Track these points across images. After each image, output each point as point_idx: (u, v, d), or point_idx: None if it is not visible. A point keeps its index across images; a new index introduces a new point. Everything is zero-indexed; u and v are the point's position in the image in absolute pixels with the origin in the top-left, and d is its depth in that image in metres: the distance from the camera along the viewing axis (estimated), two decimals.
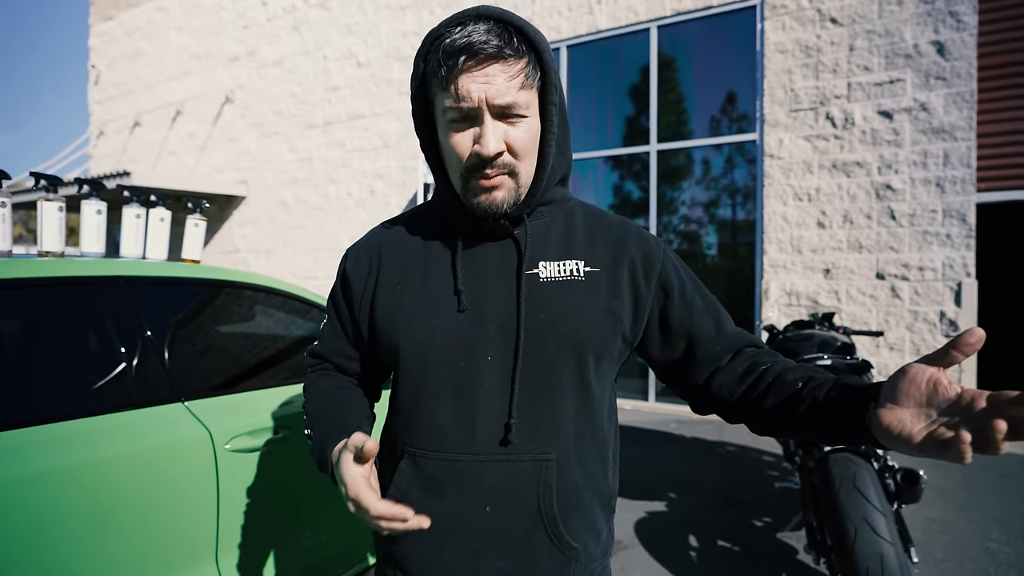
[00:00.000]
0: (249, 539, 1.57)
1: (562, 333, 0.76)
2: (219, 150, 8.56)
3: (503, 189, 0.74)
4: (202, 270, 1.79)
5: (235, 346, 1.87)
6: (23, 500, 1.16)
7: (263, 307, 2.00)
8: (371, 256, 0.86)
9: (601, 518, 0.82)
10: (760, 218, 4.67)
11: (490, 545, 0.75)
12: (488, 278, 0.79)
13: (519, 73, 0.71)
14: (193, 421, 1.51)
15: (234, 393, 1.68)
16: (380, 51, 6.90)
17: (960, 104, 4.01)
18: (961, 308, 4.02)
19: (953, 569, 2.40)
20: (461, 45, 0.69)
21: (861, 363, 2.08)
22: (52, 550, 1.19)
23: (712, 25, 4.91)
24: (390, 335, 0.80)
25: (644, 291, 0.81)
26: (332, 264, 7.30)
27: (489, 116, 0.71)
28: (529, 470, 0.75)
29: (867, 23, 4.29)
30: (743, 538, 2.66)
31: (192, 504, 1.45)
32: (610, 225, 0.85)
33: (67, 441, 1.26)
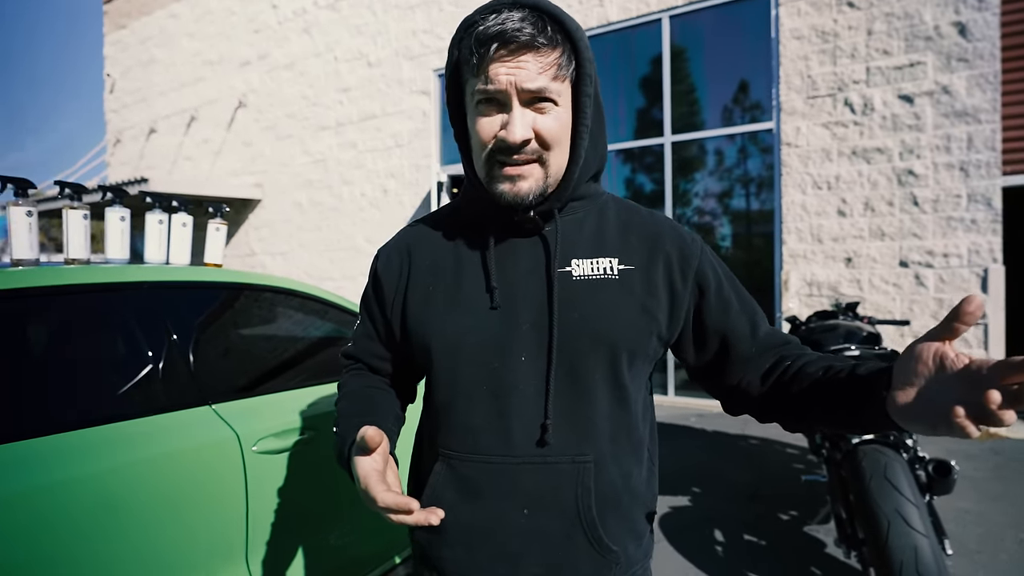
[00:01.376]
0: (278, 539, 1.59)
1: (595, 332, 0.74)
2: (234, 154, 8.65)
3: (530, 179, 0.73)
4: (224, 274, 1.81)
5: (258, 348, 1.88)
6: (60, 504, 1.18)
7: (284, 309, 2.02)
8: (401, 257, 0.85)
9: (641, 520, 0.80)
10: (778, 208, 4.60)
11: (528, 548, 0.74)
12: (519, 276, 0.77)
13: (552, 64, 0.69)
14: (220, 424, 1.53)
15: (259, 395, 1.69)
16: (390, 50, 6.91)
17: (983, 86, 3.90)
18: (988, 295, 3.93)
19: (987, 560, 2.35)
20: (494, 32, 0.68)
21: (890, 353, 2.04)
22: (87, 552, 1.20)
23: (725, 13, 4.84)
24: (423, 336, 0.79)
25: (680, 289, 0.79)
26: (347, 265, 7.35)
27: (517, 102, 0.70)
28: (567, 472, 0.74)
29: (885, 6, 4.20)
30: (769, 532, 2.63)
31: (222, 506, 1.47)
32: (643, 220, 0.83)
33: (97, 446, 1.28)
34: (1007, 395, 0.49)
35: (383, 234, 7.00)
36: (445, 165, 6.24)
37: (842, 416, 0.68)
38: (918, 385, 0.57)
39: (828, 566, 2.32)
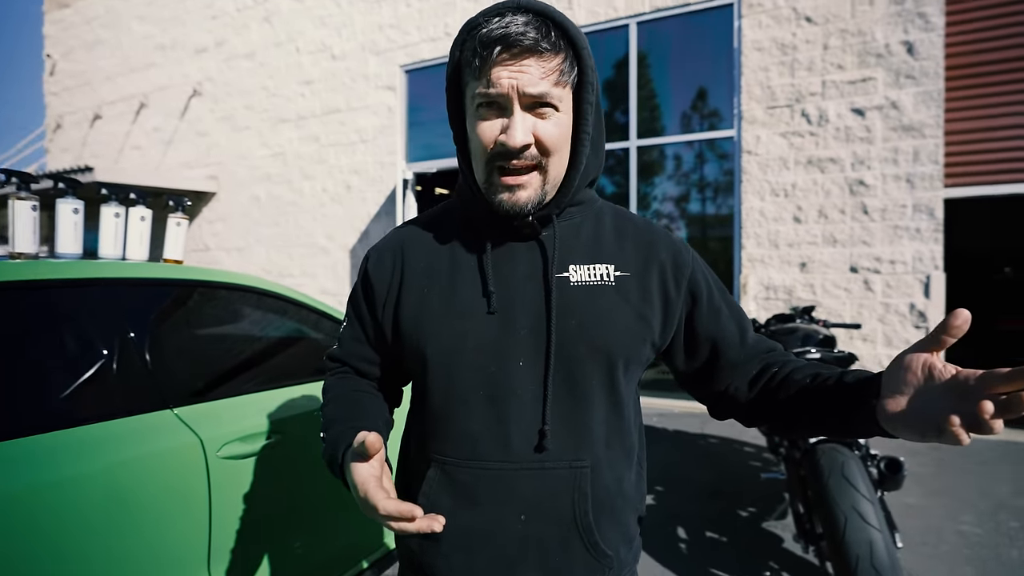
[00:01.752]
0: (242, 547, 1.53)
1: (593, 339, 0.75)
2: (187, 144, 8.29)
3: (529, 188, 0.73)
4: (186, 271, 1.73)
5: (223, 349, 1.81)
6: (5, 518, 1.10)
7: (249, 308, 1.94)
8: (394, 258, 0.83)
9: (632, 523, 0.81)
10: (738, 213, 4.75)
11: (525, 554, 0.73)
12: (517, 281, 0.77)
13: (555, 69, 0.69)
14: (183, 428, 1.46)
15: (224, 398, 1.62)
16: (355, 44, 6.77)
17: (928, 102, 4.13)
18: (930, 300, 4.17)
19: (930, 552, 2.48)
20: (498, 35, 0.67)
21: (847, 355, 2.13)
22: (36, 568, 1.13)
23: (690, 22, 4.96)
24: (417, 339, 0.78)
25: (674, 297, 0.80)
26: (307, 262, 7.17)
27: (519, 106, 0.69)
28: (564, 477, 0.73)
29: (840, 22, 4.39)
30: (730, 529, 2.71)
31: (183, 515, 1.40)
32: (638, 227, 0.84)
33: (48, 454, 1.20)
34: (998, 405, 0.51)
35: (345, 231, 6.86)
36: (411, 163, 6.16)
37: (833, 423, 0.70)
38: (908, 394, 0.59)
39: (786, 560, 2.41)
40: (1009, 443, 3.96)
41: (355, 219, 6.79)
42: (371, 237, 6.69)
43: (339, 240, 6.93)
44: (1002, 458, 3.66)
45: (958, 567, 2.36)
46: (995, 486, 3.20)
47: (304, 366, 2.05)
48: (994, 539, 2.59)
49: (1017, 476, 3.35)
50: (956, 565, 2.37)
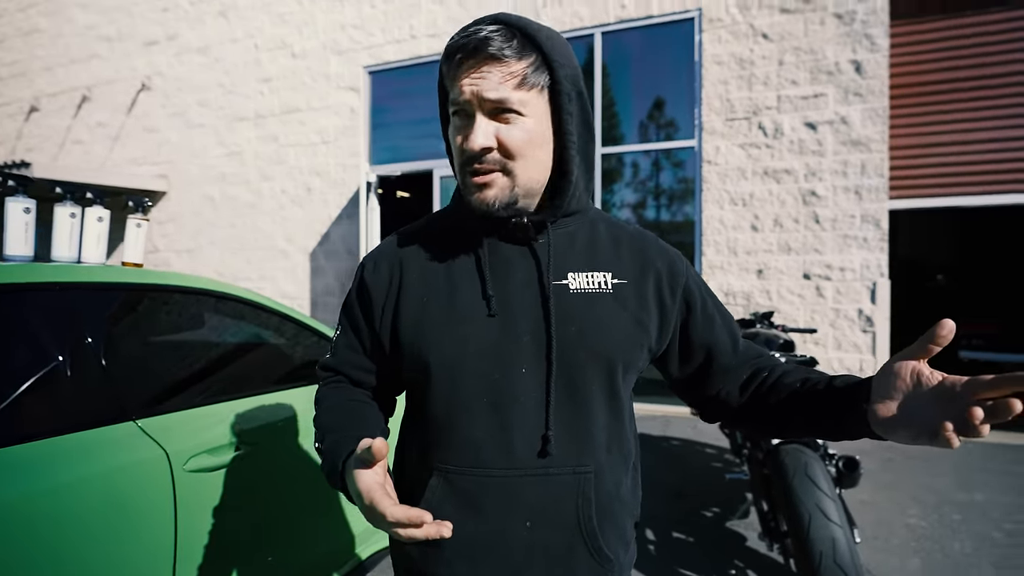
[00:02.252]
0: (210, 563, 1.46)
1: (593, 345, 0.76)
2: (135, 141, 7.91)
3: (494, 187, 0.74)
4: (147, 275, 1.65)
5: (189, 357, 1.73)
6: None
7: (216, 314, 1.87)
8: (391, 265, 0.83)
9: (630, 527, 0.83)
10: (699, 221, 4.89)
11: (530, 562, 0.74)
12: (516, 287, 0.78)
13: (515, 74, 0.71)
14: (146, 441, 1.39)
15: (191, 408, 1.55)
16: (317, 43, 6.63)
17: (874, 119, 4.37)
18: (876, 305, 4.40)
19: (882, 545, 2.61)
20: (460, 44, 0.70)
21: (810, 359, 2.22)
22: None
23: (653, 34, 5.08)
24: (419, 348, 0.77)
25: (670, 304, 0.82)
26: (265, 265, 6.94)
27: (480, 112, 0.72)
28: (568, 483, 0.74)
29: (794, 40, 4.60)
30: (695, 529, 2.78)
31: (146, 532, 1.33)
32: (632, 236, 0.86)
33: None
34: (985, 410, 0.55)
35: (306, 234, 6.69)
36: (375, 165, 6.07)
37: (827, 425, 0.73)
38: (897, 399, 0.63)
39: (749, 558, 2.48)
40: None
41: (316, 222, 6.63)
42: (332, 240, 6.54)
43: (299, 243, 6.75)
44: (941, 455, 3.88)
45: (907, 559, 2.49)
46: (937, 481, 3.40)
47: (274, 374, 1.98)
48: (939, 532, 2.74)
49: (956, 471, 3.56)
50: (905, 557, 2.50)
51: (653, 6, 5.03)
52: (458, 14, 5.86)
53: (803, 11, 4.58)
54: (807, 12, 4.57)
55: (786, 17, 4.63)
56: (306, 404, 1.88)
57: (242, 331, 1.94)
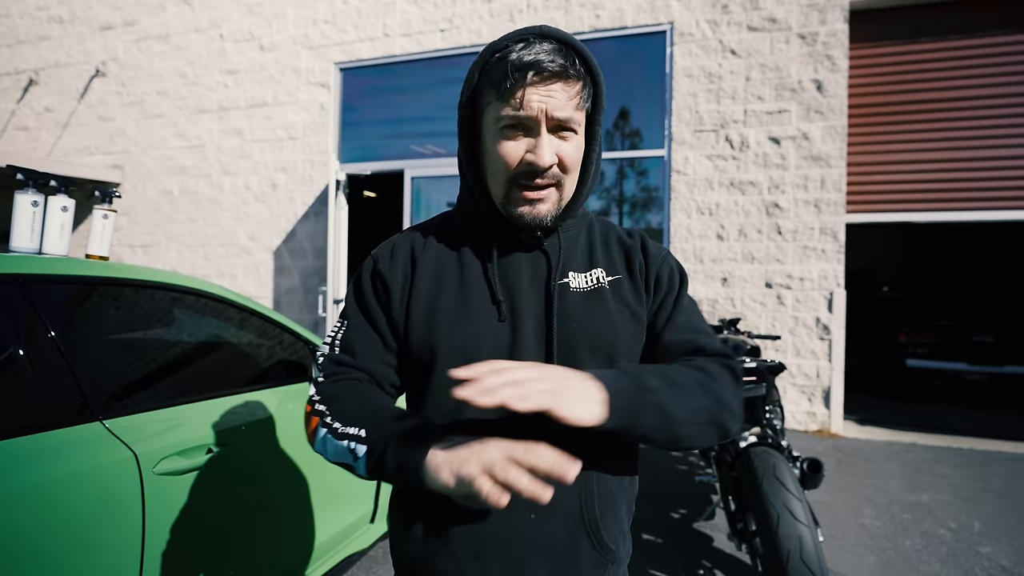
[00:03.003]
0: (177, 570, 1.40)
1: (592, 340, 0.79)
2: (86, 129, 7.54)
3: (548, 202, 0.78)
4: (113, 268, 1.58)
5: (160, 355, 1.66)
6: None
7: (187, 311, 1.80)
8: (405, 260, 0.84)
9: (627, 520, 0.85)
10: (667, 229, 5.00)
11: (534, 554, 0.75)
12: (523, 288, 0.81)
13: (577, 95, 0.75)
14: (114, 442, 1.32)
15: (162, 408, 1.49)
16: (286, 36, 6.47)
17: (834, 136, 4.58)
18: (832, 314, 4.59)
19: (838, 544, 2.72)
20: (530, 61, 0.72)
21: (778, 364, 2.31)
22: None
23: (626, 45, 5.19)
24: (429, 344, 0.78)
25: (646, 295, 0.85)
26: (226, 262, 6.72)
27: (546, 129, 0.74)
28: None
29: (761, 57, 4.77)
30: (665, 530, 2.83)
31: (111, 539, 1.26)
32: (620, 234, 0.90)
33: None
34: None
35: (270, 231, 6.51)
36: (344, 163, 5.96)
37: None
38: None
39: (717, 558, 2.55)
40: (893, 443, 4.43)
41: (281, 219, 6.46)
42: (298, 238, 6.39)
43: (262, 240, 6.56)
44: (889, 457, 4.08)
45: (863, 556, 2.60)
46: (887, 483, 3.56)
47: (249, 373, 1.92)
48: (891, 530, 2.88)
49: (904, 473, 3.75)
50: (861, 555, 2.62)
51: (627, 18, 5.13)
52: (433, 15, 5.83)
53: (769, 30, 4.76)
54: (773, 31, 4.75)
55: (753, 35, 4.80)
56: (281, 404, 1.83)
57: (215, 329, 1.87)
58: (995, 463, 3.97)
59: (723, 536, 2.73)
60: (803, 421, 4.71)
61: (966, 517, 3.04)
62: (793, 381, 4.72)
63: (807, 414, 4.70)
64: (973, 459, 4.06)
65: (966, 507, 3.17)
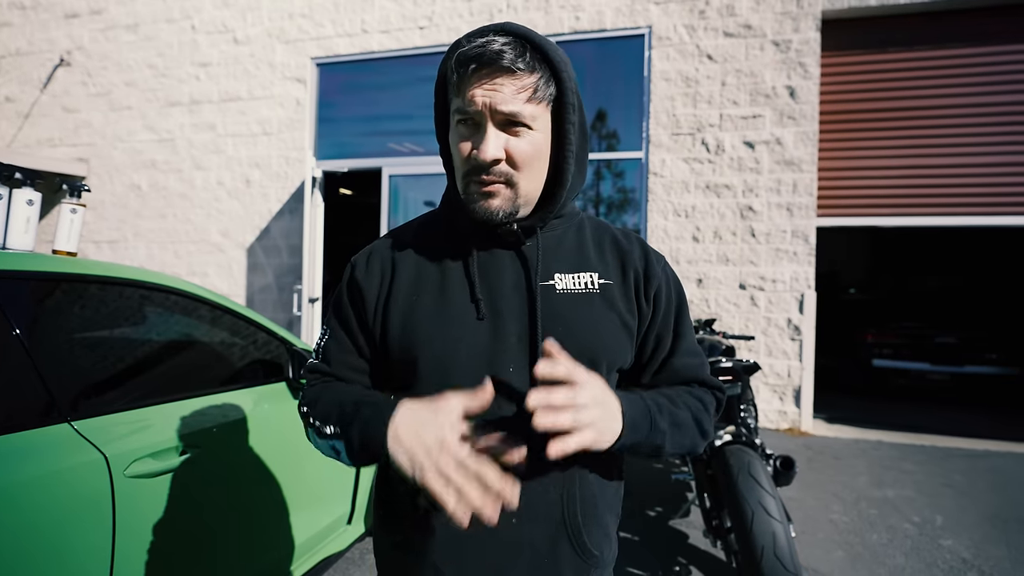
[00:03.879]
0: (150, 575, 1.36)
1: (579, 344, 0.77)
2: (50, 120, 7.27)
3: (498, 197, 0.76)
4: (81, 264, 1.53)
5: (132, 354, 1.61)
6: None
7: (158, 308, 1.75)
8: (383, 265, 0.83)
9: (612, 525, 0.84)
10: (644, 231, 5.06)
11: (516, 557, 0.75)
12: (504, 289, 0.79)
13: (527, 88, 0.72)
14: (83, 444, 1.28)
15: (133, 409, 1.45)
16: (261, 29, 6.35)
17: (806, 141, 4.69)
18: (803, 315, 4.70)
19: (809, 539, 2.79)
20: (474, 54, 0.71)
21: (753, 364, 2.35)
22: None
23: (606, 48, 5.23)
24: (409, 348, 0.77)
25: (645, 307, 0.84)
26: (197, 260, 6.56)
27: (491, 123, 0.73)
28: (554, 480, 0.76)
29: (736, 63, 4.86)
30: (641, 527, 2.86)
31: (80, 544, 1.22)
32: (616, 237, 0.88)
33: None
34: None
35: (243, 228, 6.37)
36: (321, 160, 5.87)
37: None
38: None
39: (692, 555, 2.59)
40: (860, 441, 4.56)
41: (255, 216, 6.33)
42: (272, 235, 6.27)
43: (235, 238, 6.42)
44: (856, 455, 4.20)
45: (832, 551, 2.67)
46: (855, 479, 3.67)
47: (223, 373, 1.88)
48: (858, 525, 2.97)
49: (870, 470, 3.86)
50: (830, 550, 2.69)
51: (606, 21, 5.17)
52: (412, 12, 5.79)
53: (745, 36, 4.85)
54: (748, 38, 4.84)
55: (729, 41, 4.89)
56: (256, 405, 1.79)
57: (187, 327, 1.83)
58: (955, 459, 4.12)
59: (699, 533, 2.77)
60: (775, 419, 4.82)
61: (929, 512, 3.15)
62: (765, 380, 4.82)
63: (779, 413, 4.81)
64: (935, 456, 4.20)
65: (929, 502, 3.28)
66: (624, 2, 5.13)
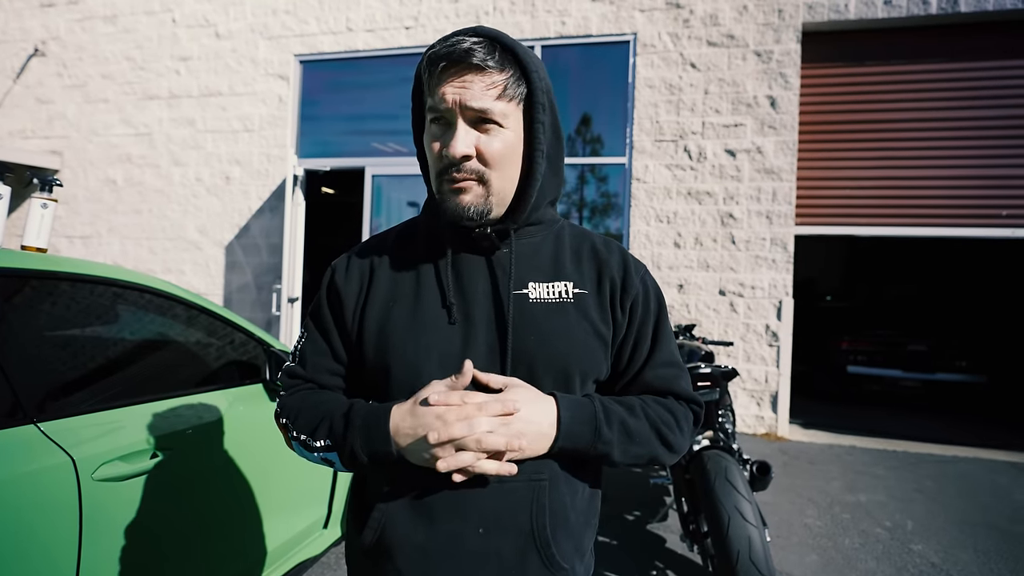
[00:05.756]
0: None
1: (551, 355, 0.77)
2: (22, 111, 7.08)
3: (469, 194, 0.76)
4: (51, 261, 1.48)
5: (102, 354, 1.57)
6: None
7: (133, 307, 1.71)
8: (362, 272, 0.83)
9: (587, 538, 0.83)
10: (627, 236, 5.10)
11: (483, 569, 0.73)
12: (478, 297, 0.79)
13: (497, 85, 0.73)
14: (49, 446, 1.24)
15: (101, 410, 1.41)
16: (244, 24, 6.26)
17: (785, 151, 4.77)
18: (781, 322, 4.78)
19: (784, 543, 2.83)
20: (444, 53, 0.72)
21: (731, 370, 2.38)
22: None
23: (591, 53, 5.26)
24: (383, 354, 0.77)
25: (620, 317, 0.83)
26: (173, 257, 6.43)
27: (461, 120, 0.73)
28: (523, 491, 0.74)
29: (719, 72, 4.93)
30: (619, 531, 2.87)
31: (43, 550, 1.18)
32: (595, 246, 0.87)
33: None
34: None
35: (221, 226, 6.27)
36: (303, 158, 5.81)
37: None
38: None
39: (669, 559, 2.60)
40: (835, 446, 4.65)
41: (234, 213, 6.23)
42: (252, 233, 6.18)
43: (213, 235, 6.31)
44: (830, 460, 4.28)
45: (806, 555, 2.71)
46: (828, 484, 3.73)
47: (196, 374, 1.84)
48: (832, 530, 3.01)
49: (844, 475, 3.93)
50: (804, 553, 2.73)
51: (592, 26, 5.20)
52: (398, 12, 5.76)
53: (728, 46, 4.92)
54: (731, 47, 4.91)
55: (713, 50, 4.95)
56: (232, 407, 1.76)
57: (161, 327, 1.78)
58: (926, 465, 4.22)
59: (676, 537, 2.79)
60: (752, 424, 4.88)
61: (900, 516, 3.21)
62: (743, 386, 4.88)
63: (756, 418, 4.88)
64: (907, 461, 4.30)
65: (900, 507, 3.35)
66: (610, 9, 5.17)
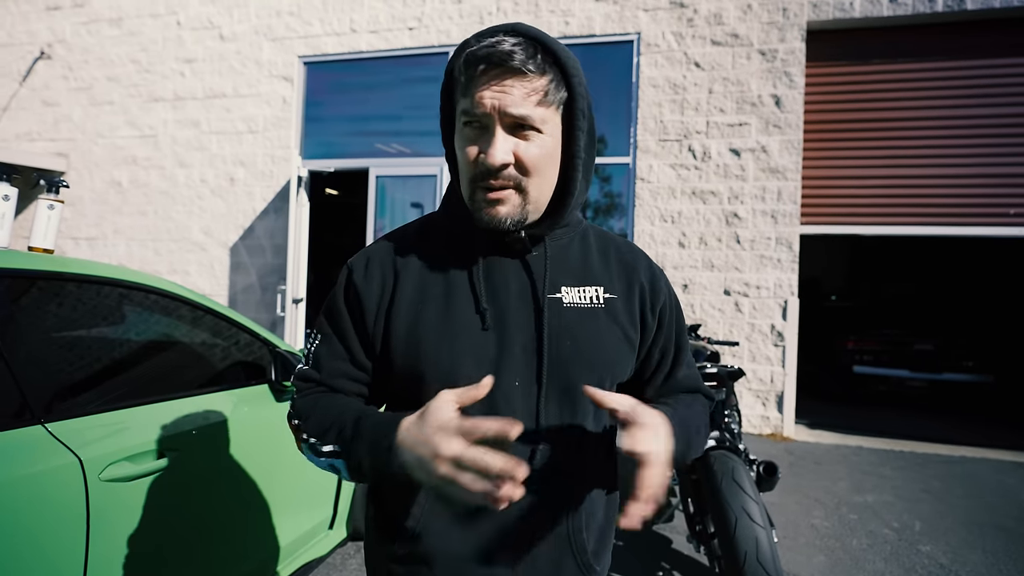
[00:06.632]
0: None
1: (587, 360, 0.76)
2: (28, 114, 7.12)
3: (507, 204, 0.73)
4: (58, 262, 1.49)
5: (109, 355, 1.57)
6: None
7: (137, 308, 1.71)
8: (384, 271, 0.79)
9: (610, 539, 0.84)
10: (631, 235, 5.08)
11: (517, 574, 0.73)
12: (511, 299, 0.77)
13: (539, 90, 0.70)
14: (58, 447, 1.25)
15: (109, 411, 1.41)
16: (248, 26, 6.28)
17: (790, 150, 4.75)
18: (786, 321, 4.76)
19: (791, 544, 2.81)
20: (483, 55, 0.68)
21: (737, 370, 2.37)
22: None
23: (595, 53, 5.26)
24: (414, 357, 0.74)
25: (650, 321, 0.83)
26: (177, 258, 6.45)
27: (500, 127, 0.70)
28: (558, 495, 0.75)
29: (723, 71, 4.91)
30: (625, 533, 2.86)
31: (52, 550, 1.19)
32: (620, 248, 0.87)
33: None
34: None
35: (226, 227, 6.29)
36: (307, 159, 5.82)
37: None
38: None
39: (675, 559, 2.59)
40: (841, 447, 4.62)
41: (239, 214, 6.25)
42: (256, 234, 6.20)
43: (218, 236, 6.33)
44: (837, 460, 4.25)
45: (813, 556, 2.69)
46: (836, 485, 3.71)
47: (203, 375, 1.85)
48: (839, 531, 3.00)
49: (851, 476, 3.91)
50: (812, 554, 2.71)
51: (596, 26, 5.20)
52: (402, 13, 5.77)
53: (732, 45, 4.91)
54: (735, 46, 4.90)
55: (717, 49, 4.94)
56: (237, 408, 1.76)
57: (167, 327, 1.79)
58: (933, 465, 4.19)
59: (682, 538, 2.78)
60: (757, 425, 4.86)
61: (908, 517, 3.19)
62: (749, 386, 4.86)
63: (761, 418, 4.86)
64: (913, 461, 4.27)
65: (908, 508, 3.33)
66: (613, 8, 5.17)
